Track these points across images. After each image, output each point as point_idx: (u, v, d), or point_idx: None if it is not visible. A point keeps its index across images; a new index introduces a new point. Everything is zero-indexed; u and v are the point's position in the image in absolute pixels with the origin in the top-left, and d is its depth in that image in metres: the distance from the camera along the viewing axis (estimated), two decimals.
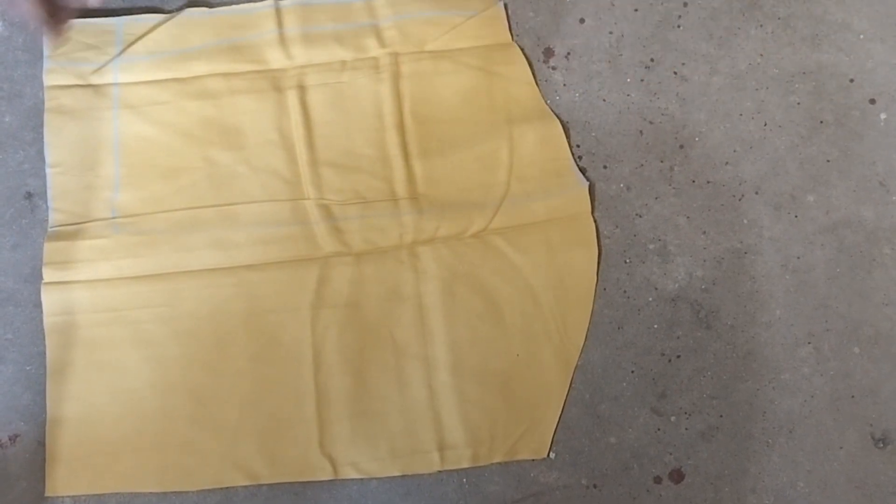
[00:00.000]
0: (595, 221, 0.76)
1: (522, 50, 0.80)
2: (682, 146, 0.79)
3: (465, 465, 0.71)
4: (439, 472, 0.71)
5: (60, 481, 0.69)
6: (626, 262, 0.76)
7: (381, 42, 0.78)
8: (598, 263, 0.75)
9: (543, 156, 0.77)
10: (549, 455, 0.72)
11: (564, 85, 0.80)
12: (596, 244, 0.75)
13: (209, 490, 0.70)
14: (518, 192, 0.75)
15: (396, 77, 0.77)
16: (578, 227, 0.75)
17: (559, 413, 0.72)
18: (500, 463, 0.71)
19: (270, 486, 0.70)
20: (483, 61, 0.78)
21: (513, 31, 0.81)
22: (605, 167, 0.78)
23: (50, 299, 0.71)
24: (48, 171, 0.74)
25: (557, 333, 0.73)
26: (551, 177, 0.76)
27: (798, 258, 0.77)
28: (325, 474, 0.70)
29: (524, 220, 0.75)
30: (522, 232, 0.75)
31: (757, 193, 0.78)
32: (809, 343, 0.75)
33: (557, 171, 0.76)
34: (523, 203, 0.75)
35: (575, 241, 0.75)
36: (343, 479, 0.70)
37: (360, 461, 0.70)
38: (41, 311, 0.71)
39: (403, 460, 0.70)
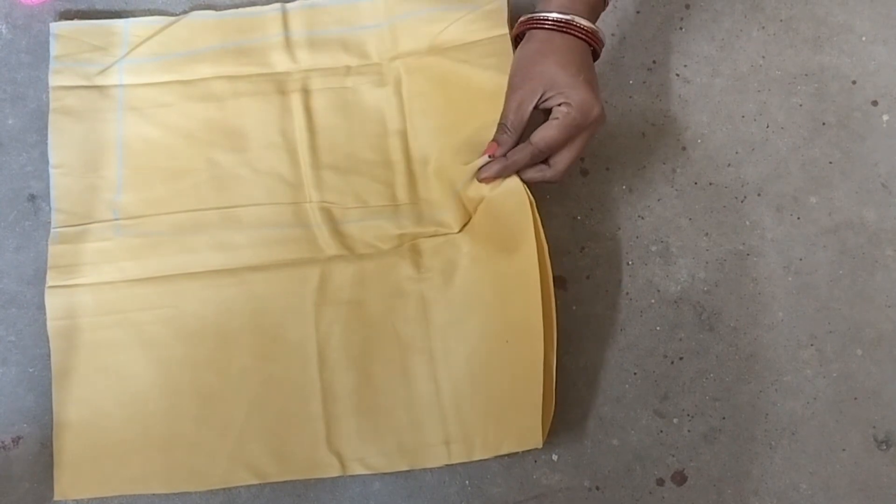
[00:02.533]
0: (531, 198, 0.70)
1: None
2: (684, 148, 0.79)
3: (475, 457, 0.69)
4: (442, 474, 0.71)
5: (69, 485, 0.69)
6: (628, 263, 0.77)
7: (386, 46, 0.78)
8: (544, 236, 0.69)
9: None
10: (556, 445, 0.71)
11: None
12: (528, 212, 0.69)
13: (213, 491, 0.70)
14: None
15: (399, 83, 0.77)
16: (507, 199, 0.71)
17: (538, 404, 0.67)
18: (503, 464, 0.71)
19: (273, 488, 0.70)
20: (485, 56, 0.77)
21: None
22: (607, 169, 0.78)
23: (53, 303, 0.71)
24: (51, 171, 0.74)
25: (515, 323, 0.70)
26: None
27: (800, 260, 0.77)
28: (334, 471, 0.70)
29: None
30: (473, 222, 0.73)
31: (759, 195, 0.78)
32: (812, 345, 0.75)
33: None
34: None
35: (506, 217, 0.71)
36: (345, 482, 0.70)
37: (367, 457, 0.70)
38: (44, 314, 0.71)
39: (411, 455, 0.70)
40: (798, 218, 0.78)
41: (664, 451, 0.73)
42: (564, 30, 0.66)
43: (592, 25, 0.67)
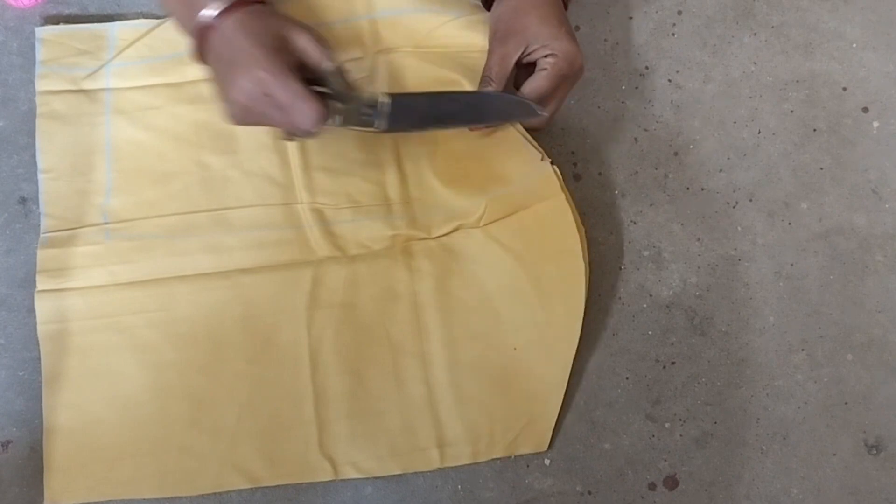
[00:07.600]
0: (570, 202, 0.74)
1: None
2: (676, 153, 0.80)
3: (465, 461, 0.70)
4: (434, 478, 0.71)
5: (59, 489, 0.68)
6: (620, 268, 0.77)
7: (369, 40, 0.77)
8: (588, 250, 0.74)
9: (515, 143, 0.76)
10: (549, 449, 0.72)
11: None
12: (574, 225, 0.74)
13: (204, 496, 0.69)
14: (500, 184, 0.75)
15: (388, 81, 0.77)
16: (554, 211, 0.74)
17: (559, 406, 0.72)
18: (495, 468, 0.71)
19: (265, 492, 0.70)
20: (470, 61, 0.77)
21: None
22: (599, 174, 0.79)
23: (43, 307, 0.71)
24: (40, 176, 0.74)
25: (552, 325, 0.72)
26: (523, 162, 0.75)
27: (791, 265, 0.78)
28: (326, 475, 0.70)
29: (509, 211, 0.74)
30: (508, 224, 0.74)
31: (751, 201, 0.79)
32: (803, 350, 0.76)
33: (526, 155, 0.75)
34: (506, 194, 0.74)
35: (553, 227, 0.74)
36: (337, 486, 0.70)
37: (359, 460, 0.70)
38: (34, 317, 0.71)
39: (403, 458, 0.70)
40: (789, 223, 0.79)
41: (656, 456, 0.73)
42: None
43: None
